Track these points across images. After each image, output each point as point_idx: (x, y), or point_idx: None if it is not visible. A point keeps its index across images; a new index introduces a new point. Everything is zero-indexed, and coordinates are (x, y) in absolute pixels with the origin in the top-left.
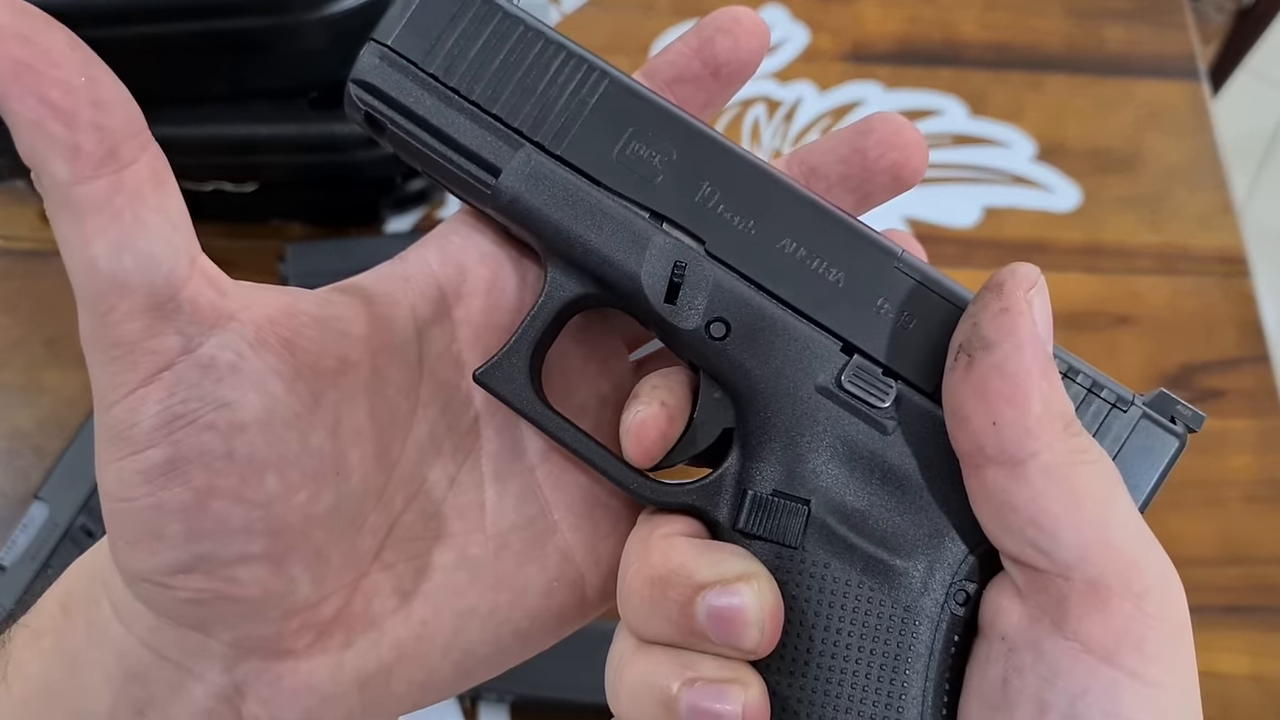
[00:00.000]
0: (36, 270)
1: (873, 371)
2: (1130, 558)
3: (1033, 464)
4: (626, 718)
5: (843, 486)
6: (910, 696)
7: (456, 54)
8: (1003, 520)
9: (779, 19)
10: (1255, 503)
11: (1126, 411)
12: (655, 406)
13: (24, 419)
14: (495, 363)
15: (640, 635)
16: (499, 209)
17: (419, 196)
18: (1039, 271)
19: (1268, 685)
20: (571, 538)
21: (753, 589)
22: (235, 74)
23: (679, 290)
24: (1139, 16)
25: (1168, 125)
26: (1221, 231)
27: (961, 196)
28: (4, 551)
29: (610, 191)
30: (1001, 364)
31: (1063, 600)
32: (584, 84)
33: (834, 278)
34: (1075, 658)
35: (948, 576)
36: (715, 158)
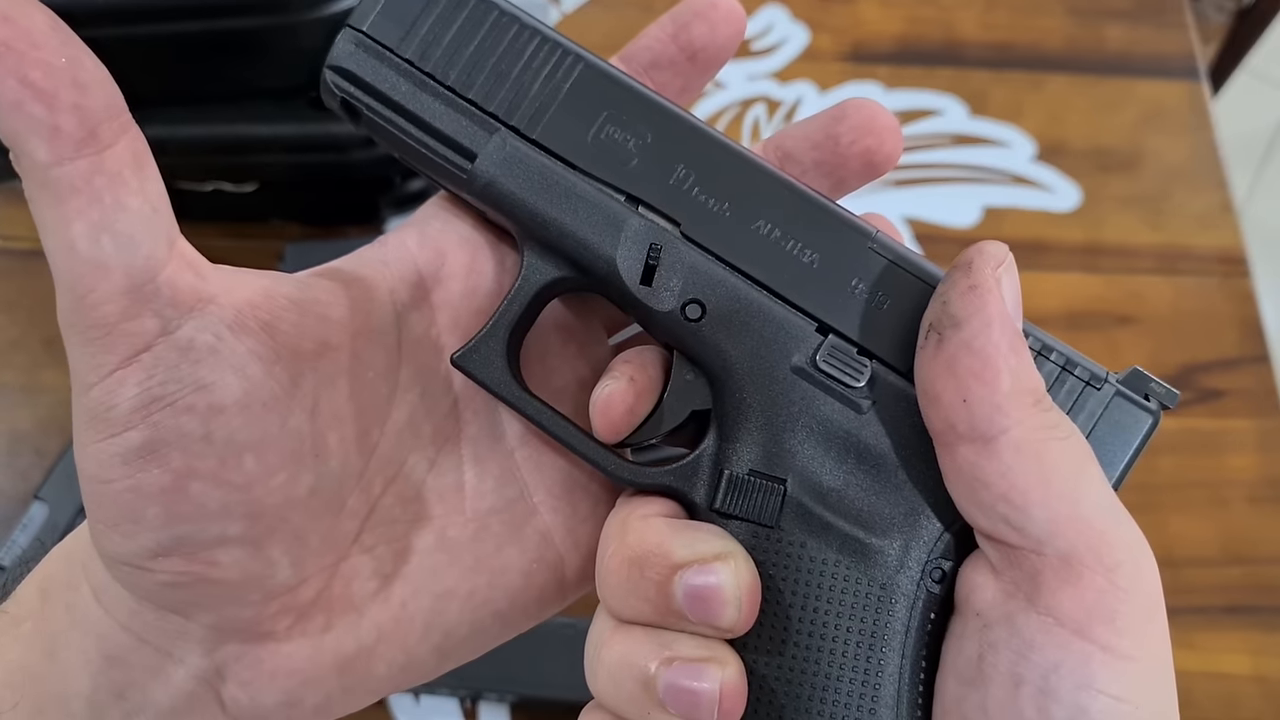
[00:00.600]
0: (36, 270)
1: (848, 351)
2: (1101, 532)
3: (1003, 440)
4: (605, 697)
5: (819, 466)
6: (887, 673)
7: (431, 40)
8: (975, 497)
9: (779, 19)
10: (1257, 503)
11: (1100, 389)
12: (624, 382)
13: (23, 419)
14: (472, 346)
15: (618, 615)
16: (475, 193)
17: (418, 196)
18: (1007, 249)
19: (1270, 685)
20: (550, 520)
21: (729, 568)
22: (234, 74)
23: (654, 272)
24: (1139, 16)
25: (1168, 125)
26: (1222, 231)
27: (961, 196)
28: (3, 551)
29: (585, 175)
30: (970, 341)
31: (1035, 575)
32: (558, 68)
33: (809, 259)
34: (1048, 632)
35: (924, 554)
36: (690, 141)
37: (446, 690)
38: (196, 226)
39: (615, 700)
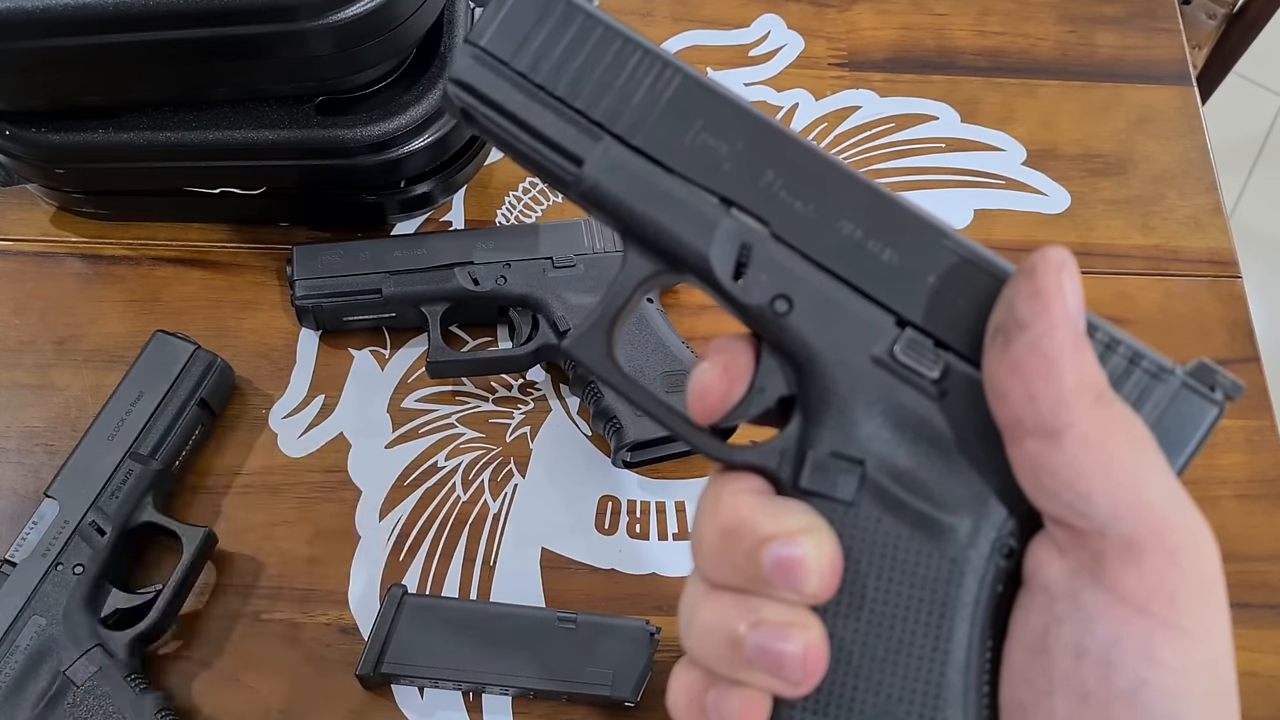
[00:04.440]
0: (47, 272)
1: (923, 344)
2: (1162, 517)
3: (1068, 434)
4: (698, 655)
5: (894, 449)
6: (957, 640)
7: (542, 53)
8: (1041, 485)
9: (775, 27)
10: (1246, 501)
11: (1166, 381)
12: (718, 370)
13: (35, 418)
14: (581, 334)
15: (711, 581)
16: (581, 195)
17: (424, 200)
18: (1069, 253)
19: (1261, 681)
20: None
21: (813, 540)
22: (243, 80)
23: (745, 269)
24: (1130, 22)
25: (1159, 129)
26: (1212, 234)
27: (953, 200)
28: (14, 548)
29: (682, 178)
30: (1035, 343)
31: (1099, 556)
32: (659, 80)
33: (888, 256)
34: (1111, 608)
35: (993, 533)
36: (779, 146)
37: (451, 683)
38: (205, 229)
39: (707, 658)
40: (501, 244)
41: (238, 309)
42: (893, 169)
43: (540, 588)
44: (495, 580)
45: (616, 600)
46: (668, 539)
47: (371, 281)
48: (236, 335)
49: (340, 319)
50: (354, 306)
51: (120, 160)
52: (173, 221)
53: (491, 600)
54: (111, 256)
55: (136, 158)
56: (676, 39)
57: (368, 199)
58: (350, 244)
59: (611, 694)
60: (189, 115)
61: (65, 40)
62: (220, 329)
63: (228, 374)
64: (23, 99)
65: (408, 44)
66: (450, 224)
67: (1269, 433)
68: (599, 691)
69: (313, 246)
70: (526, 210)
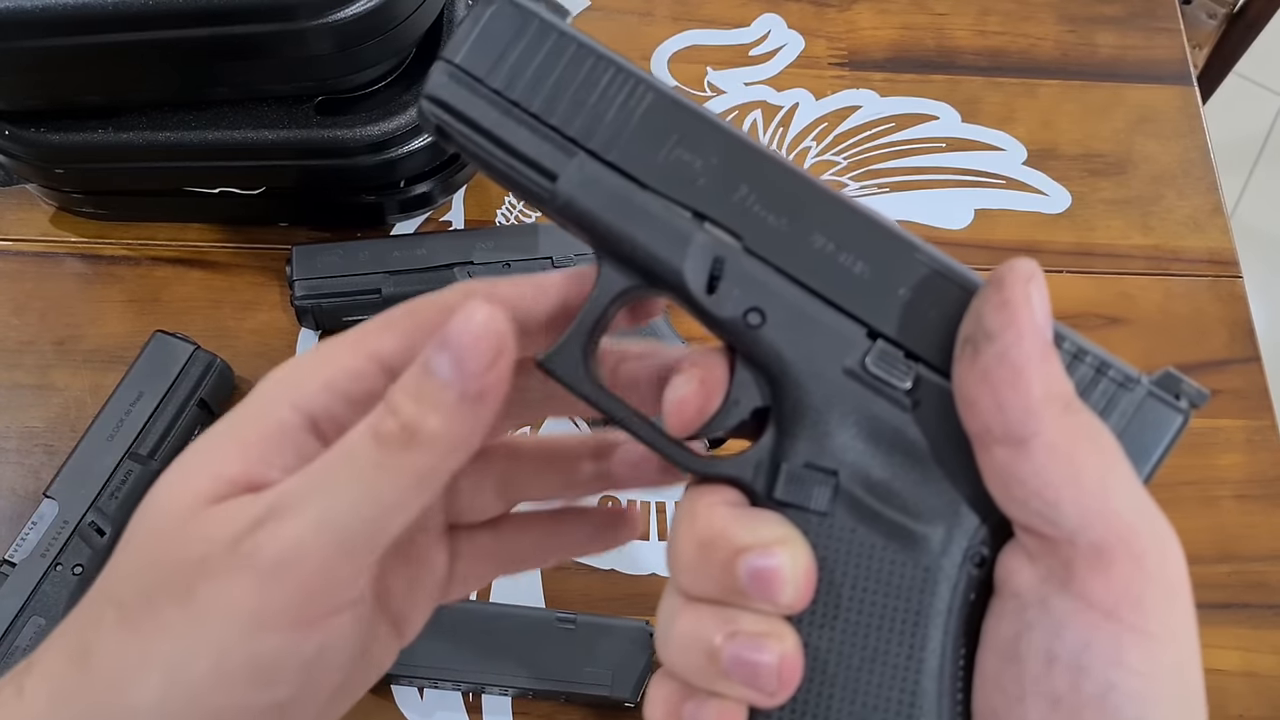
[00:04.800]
0: (47, 272)
1: (895, 355)
2: (1129, 523)
3: (1035, 442)
4: (675, 666)
5: (868, 459)
6: (931, 648)
7: (516, 70)
8: (1010, 493)
9: (775, 26)
10: (1246, 501)
11: (1132, 390)
12: (695, 384)
13: (34, 418)
14: (556, 350)
15: (687, 593)
16: (556, 210)
17: (423, 200)
18: (1036, 265)
19: (1259, 681)
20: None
21: (788, 551)
22: (242, 79)
23: (719, 282)
24: (1130, 22)
25: (1159, 129)
26: (1212, 234)
27: (954, 199)
28: (14, 549)
29: (656, 193)
30: (1003, 353)
31: (1068, 563)
32: (632, 96)
33: (859, 269)
34: (1080, 614)
35: (965, 541)
36: (752, 162)
37: (451, 684)
38: (205, 229)
39: (684, 669)
40: (501, 244)
41: (237, 309)
42: (893, 169)
43: (540, 588)
44: (495, 581)
45: (616, 600)
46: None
47: (371, 281)
48: (236, 335)
49: (340, 319)
50: (353, 306)
51: (120, 160)
52: (172, 221)
53: (491, 600)
54: (111, 257)
55: (136, 157)
56: (676, 39)
57: (367, 199)
58: (350, 244)
59: (611, 694)
60: (188, 115)
61: (65, 40)
62: (220, 329)
63: (227, 374)
64: (22, 99)
65: (407, 43)
66: (450, 224)
67: (1269, 433)
68: (598, 692)
69: (312, 247)
70: (526, 210)
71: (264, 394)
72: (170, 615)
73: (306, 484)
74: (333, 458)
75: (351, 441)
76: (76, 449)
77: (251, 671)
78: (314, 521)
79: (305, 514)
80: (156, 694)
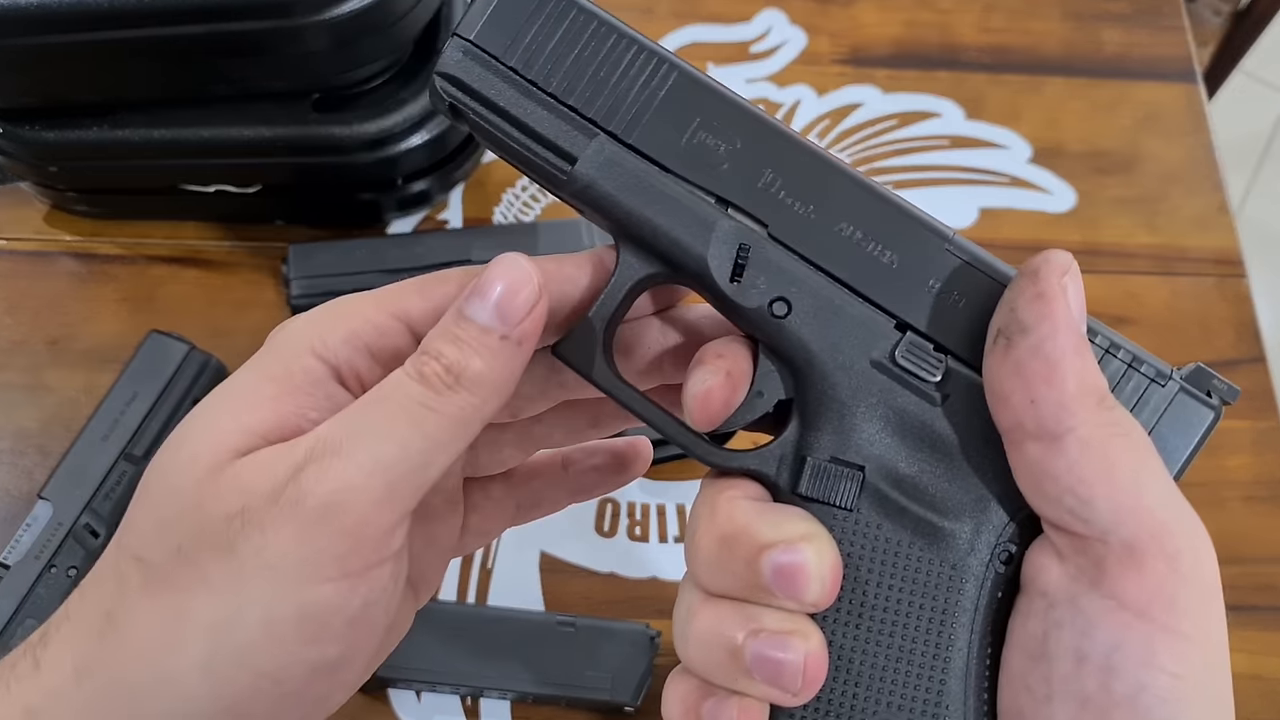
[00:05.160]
0: (40, 271)
1: (924, 347)
2: (1162, 521)
3: (1069, 438)
4: (694, 664)
5: (895, 454)
6: (957, 646)
7: (534, 48)
8: (1042, 489)
9: (777, 22)
10: (1253, 503)
11: (1164, 386)
12: (721, 376)
13: (28, 418)
14: (571, 338)
15: (707, 589)
16: (574, 194)
17: (421, 198)
18: (1072, 258)
19: (1267, 684)
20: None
21: (814, 548)
22: (238, 77)
23: (743, 270)
24: (1136, 20)
25: (1164, 127)
26: (1218, 233)
27: (958, 198)
28: (8, 551)
29: (678, 178)
30: (1038, 346)
31: (1100, 561)
32: (654, 76)
33: (888, 259)
34: (1111, 614)
35: (992, 538)
36: (777, 146)
37: (449, 687)
38: (200, 228)
39: (704, 667)
40: (500, 243)
41: (233, 308)
42: (896, 166)
43: (539, 591)
44: (493, 583)
45: (616, 603)
46: (668, 541)
47: (368, 280)
48: (232, 335)
49: None
50: None
51: (115, 158)
52: (167, 220)
53: (490, 604)
54: (105, 255)
55: (131, 155)
56: (677, 34)
57: (364, 197)
58: (347, 243)
59: (611, 698)
60: (184, 112)
61: (60, 37)
62: (215, 329)
63: (223, 374)
64: (17, 96)
65: (405, 40)
66: (447, 222)
67: (1276, 434)
68: (599, 696)
69: (309, 245)
70: (525, 208)
71: (283, 345)
72: (211, 570)
73: (350, 426)
74: (374, 401)
75: (394, 384)
76: (71, 450)
77: (302, 626)
78: (363, 463)
79: (354, 456)
80: (200, 657)
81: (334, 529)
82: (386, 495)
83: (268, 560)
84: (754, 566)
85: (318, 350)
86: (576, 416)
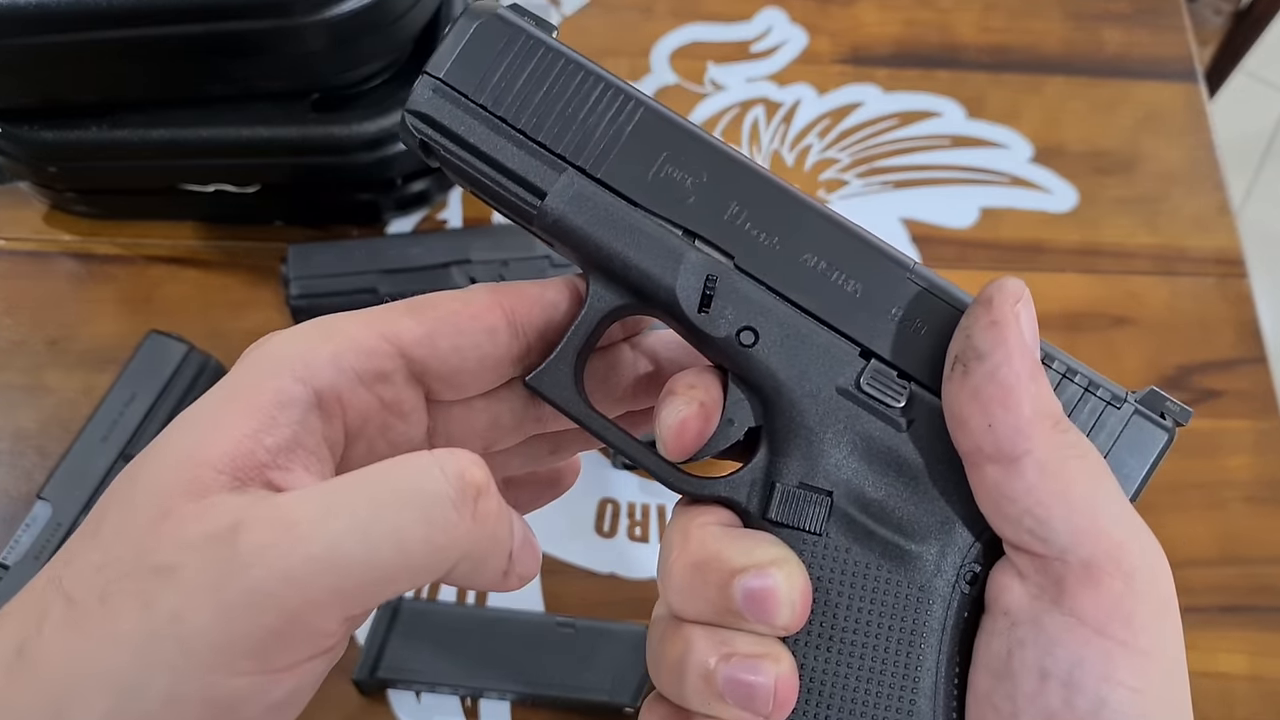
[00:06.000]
0: (39, 271)
1: (888, 374)
2: (1119, 540)
3: (1026, 460)
4: (668, 689)
5: (862, 479)
6: (925, 667)
7: (503, 86)
8: (1002, 511)
9: (778, 21)
10: (1254, 503)
11: (1120, 408)
12: (695, 406)
13: (27, 419)
14: (544, 369)
15: (680, 615)
16: (544, 228)
17: (420, 198)
18: (1024, 285)
19: (1266, 685)
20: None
21: (784, 572)
22: (237, 76)
23: (711, 301)
24: (1136, 19)
25: (1165, 127)
26: (1219, 233)
27: (959, 197)
28: (7, 551)
29: (646, 211)
30: (993, 372)
31: (1059, 580)
32: (621, 112)
33: (852, 288)
34: (1071, 631)
35: (958, 559)
36: (743, 179)
37: (448, 689)
38: (199, 228)
39: (678, 692)
40: (499, 242)
41: (232, 309)
42: (896, 166)
43: (539, 592)
44: None
45: (615, 605)
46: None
47: (367, 280)
48: (231, 335)
49: None
50: (349, 306)
51: (114, 158)
52: (166, 220)
53: (489, 605)
54: (104, 256)
55: (130, 155)
56: (677, 33)
57: (363, 197)
58: (346, 243)
59: (610, 699)
60: (183, 112)
61: (58, 37)
62: (214, 329)
63: (222, 375)
64: (15, 96)
65: (404, 40)
66: (446, 222)
67: (1276, 434)
68: (598, 697)
69: (308, 245)
70: None
71: (259, 363)
72: (125, 624)
73: (322, 504)
74: (366, 481)
75: (405, 472)
76: (70, 451)
77: (208, 710)
78: (317, 555)
79: (309, 543)
80: (100, 714)
81: (259, 623)
82: (332, 600)
83: (180, 633)
84: (725, 592)
85: (299, 373)
86: (538, 445)
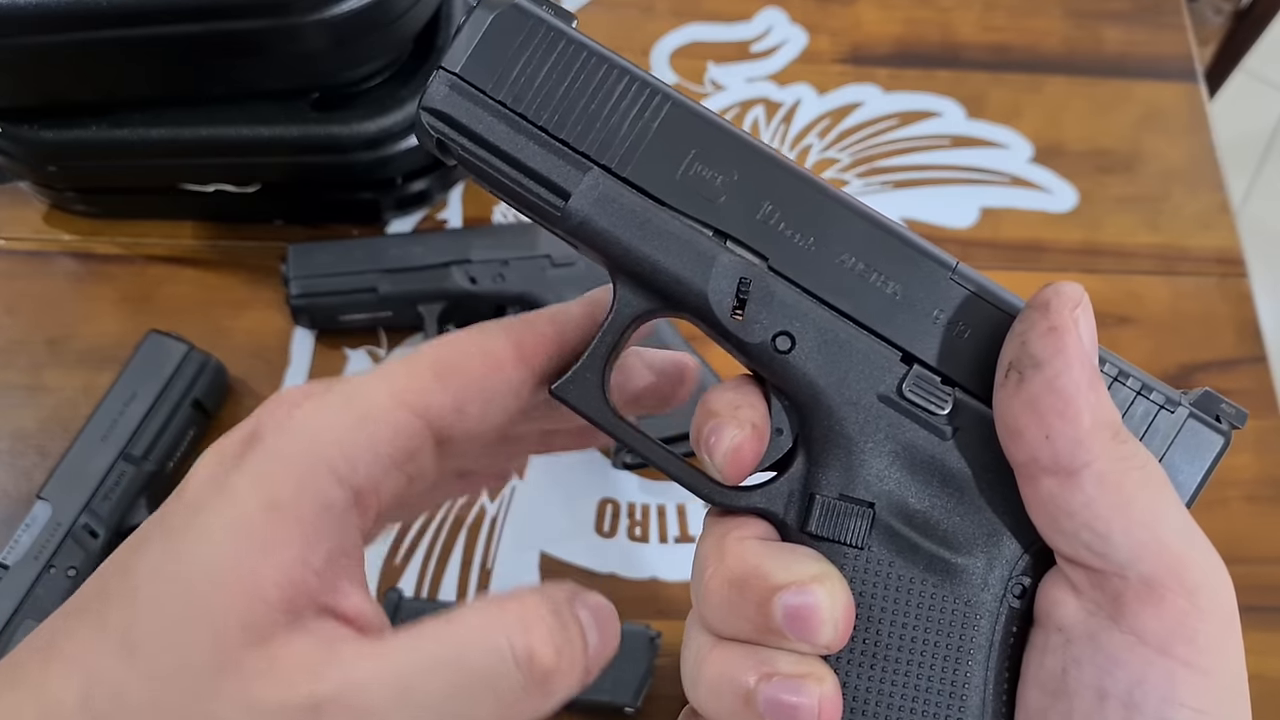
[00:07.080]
0: (39, 271)
1: (931, 380)
2: (1180, 555)
3: (1085, 473)
4: (705, 709)
5: (905, 489)
6: (973, 685)
7: (523, 81)
8: (1058, 524)
9: (778, 21)
10: (1255, 503)
11: (1174, 412)
12: (748, 430)
13: (27, 419)
14: (570, 378)
15: (717, 632)
16: (569, 230)
17: (420, 197)
18: (1082, 289)
19: (1268, 684)
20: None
21: (826, 589)
22: (237, 76)
23: (745, 305)
24: (1137, 18)
25: (1166, 126)
26: (1219, 232)
27: (959, 197)
28: (7, 551)
29: (676, 212)
30: (1052, 381)
31: (1118, 596)
32: (647, 107)
33: (891, 290)
34: (1132, 650)
35: (1005, 572)
36: (775, 176)
37: None
38: (199, 228)
39: (715, 712)
40: (499, 241)
41: (232, 308)
42: (897, 166)
43: None
44: (493, 584)
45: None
46: (668, 542)
47: (367, 280)
48: (230, 335)
49: (335, 318)
50: (350, 305)
51: (114, 157)
52: (166, 219)
53: None
54: (104, 255)
55: (130, 155)
56: (677, 33)
57: (363, 196)
58: (346, 242)
59: (611, 699)
60: (183, 111)
61: (58, 36)
62: (214, 329)
63: (221, 374)
64: (15, 96)
65: (404, 39)
66: (446, 222)
67: (1277, 434)
68: (598, 697)
69: (308, 245)
70: None
71: (293, 460)
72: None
73: (393, 686)
74: (444, 664)
75: (483, 656)
76: (69, 450)
77: None
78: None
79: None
80: None
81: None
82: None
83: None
84: (765, 609)
85: (340, 471)
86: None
